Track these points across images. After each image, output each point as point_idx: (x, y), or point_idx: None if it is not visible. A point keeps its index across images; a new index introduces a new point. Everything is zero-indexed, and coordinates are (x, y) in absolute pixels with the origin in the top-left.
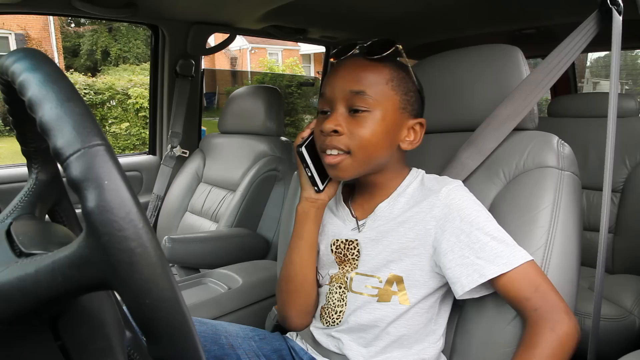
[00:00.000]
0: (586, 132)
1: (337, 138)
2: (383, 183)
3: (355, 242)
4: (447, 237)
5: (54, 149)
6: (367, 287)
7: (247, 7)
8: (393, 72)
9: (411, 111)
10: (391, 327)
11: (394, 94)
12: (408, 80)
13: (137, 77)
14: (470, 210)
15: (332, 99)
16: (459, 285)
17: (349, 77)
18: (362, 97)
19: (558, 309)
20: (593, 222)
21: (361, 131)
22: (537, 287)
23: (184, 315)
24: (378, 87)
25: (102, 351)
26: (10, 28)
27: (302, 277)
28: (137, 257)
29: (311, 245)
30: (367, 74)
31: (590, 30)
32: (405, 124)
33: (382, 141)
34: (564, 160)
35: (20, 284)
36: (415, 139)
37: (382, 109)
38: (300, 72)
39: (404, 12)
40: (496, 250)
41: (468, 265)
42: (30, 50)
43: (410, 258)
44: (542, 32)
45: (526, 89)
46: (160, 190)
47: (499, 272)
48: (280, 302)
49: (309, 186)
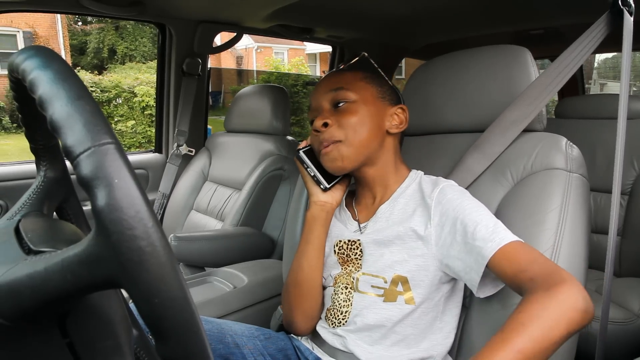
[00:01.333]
0: (594, 134)
1: (328, 131)
2: (382, 179)
3: (357, 242)
4: (447, 230)
5: (64, 146)
6: (372, 287)
7: (254, 6)
8: (365, 72)
9: (390, 100)
10: (398, 327)
11: (370, 86)
12: (381, 78)
13: (143, 76)
14: (460, 200)
15: (318, 104)
16: (475, 274)
17: (328, 81)
18: (342, 91)
19: (558, 274)
20: (600, 225)
21: (348, 119)
22: (535, 258)
23: (192, 315)
24: (354, 82)
25: (109, 349)
26: (18, 26)
27: (311, 282)
28: (147, 256)
29: (320, 250)
30: (343, 75)
31: (600, 31)
32: (387, 111)
33: (368, 124)
34: (572, 162)
35: (29, 282)
36: (401, 122)
37: (362, 98)
38: (306, 72)
39: (410, 11)
40: (490, 228)
41: (472, 250)
42: (41, 48)
43: (414, 259)
44: (549, 33)
45: (534, 92)
46: (166, 188)
47: (497, 248)
48: (287, 307)
49: (315, 189)
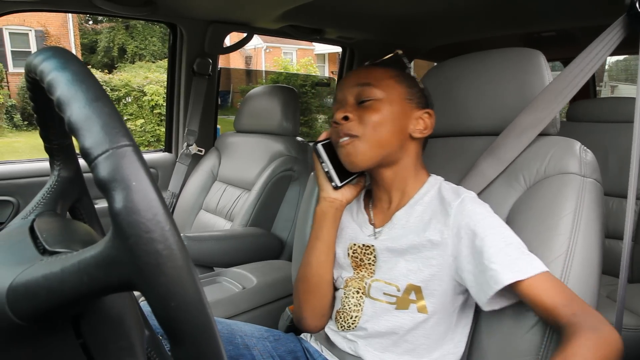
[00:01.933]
0: (606, 138)
1: (348, 124)
2: (400, 183)
3: (372, 248)
4: (465, 243)
5: (82, 148)
6: (385, 294)
7: (265, 6)
8: (396, 71)
9: (417, 103)
10: (409, 336)
11: (399, 86)
12: (411, 79)
13: (153, 75)
14: (483, 216)
15: (343, 97)
16: (482, 294)
17: (357, 75)
18: (368, 88)
19: (597, 315)
20: (612, 230)
21: (370, 116)
22: (572, 295)
23: (208, 319)
24: (383, 80)
25: (122, 350)
26: (31, 25)
27: (318, 278)
28: (164, 259)
29: (329, 247)
30: (373, 71)
31: (616, 34)
32: (413, 114)
33: (390, 125)
34: (586, 166)
35: (45, 283)
36: (425, 127)
37: (388, 97)
38: (314, 72)
39: (421, 13)
40: (511, 256)
41: (486, 271)
42: (58, 49)
43: (429, 268)
44: (561, 35)
45: (548, 96)
46: (175, 187)
47: (514, 279)
48: (297, 303)
49: (326, 184)
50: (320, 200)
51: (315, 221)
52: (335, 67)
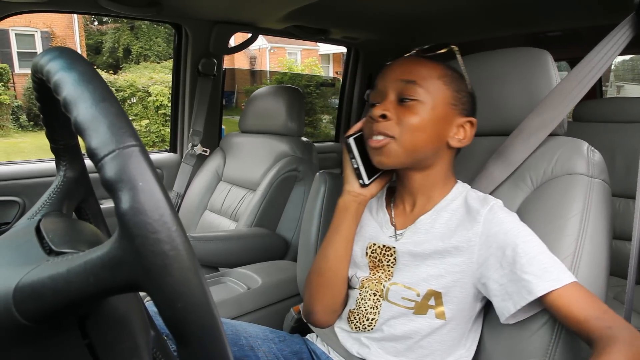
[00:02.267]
0: (613, 138)
1: (385, 124)
2: (427, 189)
3: (392, 250)
4: (494, 253)
5: (88, 149)
6: (403, 298)
7: (270, 7)
8: (446, 69)
9: (462, 110)
10: (425, 341)
11: (446, 88)
12: (461, 80)
13: (158, 75)
14: (513, 225)
15: (384, 89)
16: (511, 304)
17: (402, 68)
18: (412, 86)
19: (631, 328)
20: (618, 230)
21: (409, 118)
22: (605, 308)
23: (215, 320)
24: (429, 80)
25: (128, 350)
26: (37, 26)
27: (334, 272)
28: (170, 260)
29: (347, 241)
30: (420, 67)
31: (624, 34)
32: (455, 120)
33: (429, 131)
34: (594, 167)
35: (52, 284)
36: (465, 137)
37: (432, 100)
38: (319, 72)
39: (426, 13)
40: (544, 265)
41: (517, 281)
42: (65, 49)
43: (452, 275)
44: (567, 35)
45: (557, 97)
46: (180, 188)
47: (550, 289)
48: (308, 296)
49: (353, 179)
50: (344, 194)
51: (336, 214)
52: (340, 68)
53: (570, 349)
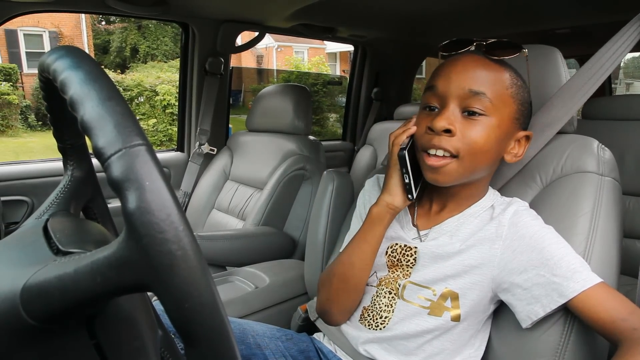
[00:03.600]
0: (622, 136)
1: (447, 139)
2: (463, 196)
3: (413, 250)
4: (518, 257)
5: (95, 148)
6: (419, 297)
7: (277, 5)
8: (513, 78)
9: (522, 123)
10: (436, 341)
11: (512, 101)
12: (524, 89)
13: (165, 74)
14: (538, 227)
15: (445, 95)
16: (539, 307)
17: (469, 74)
18: (480, 98)
19: None
20: (629, 229)
21: (475, 135)
22: (633, 308)
23: (222, 320)
24: (499, 92)
25: (136, 350)
26: (45, 26)
27: (359, 280)
28: (178, 259)
29: (374, 250)
30: (490, 75)
31: (636, 31)
32: (515, 135)
33: (492, 150)
34: (604, 165)
35: (59, 284)
36: (520, 152)
37: (499, 116)
38: (326, 71)
39: (432, 10)
40: (573, 266)
41: (545, 284)
42: (71, 48)
43: (471, 276)
44: (576, 32)
45: (566, 94)
46: (187, 187)
47: (580, 290)
48: (325, 297)
49: (399, 192)
50: (381, 204)
51: (367, 222)
52: (347, 66)
53: (580, 349)
